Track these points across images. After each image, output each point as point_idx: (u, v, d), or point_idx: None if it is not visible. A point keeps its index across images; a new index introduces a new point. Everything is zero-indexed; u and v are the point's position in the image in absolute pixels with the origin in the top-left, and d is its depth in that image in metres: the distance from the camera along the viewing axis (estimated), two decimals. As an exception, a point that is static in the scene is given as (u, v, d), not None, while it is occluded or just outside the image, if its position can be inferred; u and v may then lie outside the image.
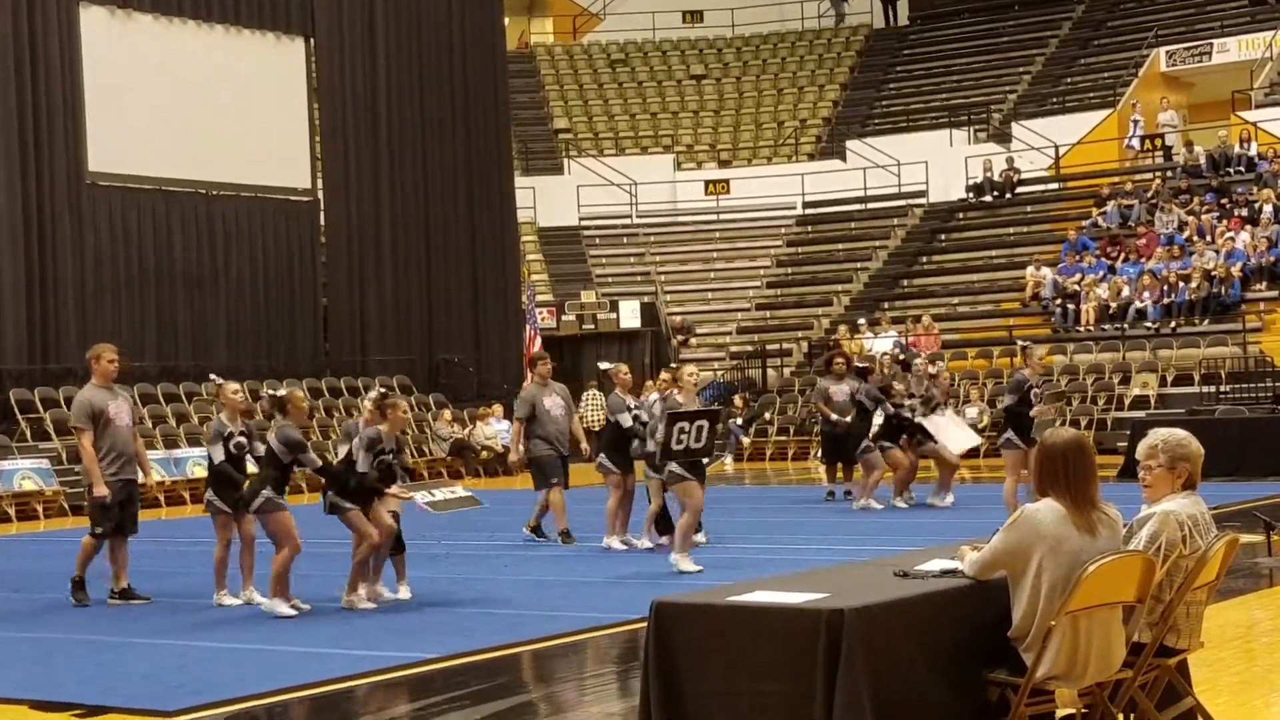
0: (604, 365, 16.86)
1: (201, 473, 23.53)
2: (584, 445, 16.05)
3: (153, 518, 21.48)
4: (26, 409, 24.14)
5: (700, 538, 13.86)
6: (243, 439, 11.93)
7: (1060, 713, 6.07)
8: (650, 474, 14.06)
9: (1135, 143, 35.22)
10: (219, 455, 11.84)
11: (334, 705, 8.40)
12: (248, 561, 11.96)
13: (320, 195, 29.61)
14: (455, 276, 31.18)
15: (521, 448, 15.31)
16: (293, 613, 11.20)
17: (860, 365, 19.18)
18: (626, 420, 14.74)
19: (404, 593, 11.88)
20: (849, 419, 18.43)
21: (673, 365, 16.11)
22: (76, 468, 23.44)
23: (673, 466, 12.47)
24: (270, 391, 14.04)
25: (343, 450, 12.07)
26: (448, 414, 28.42)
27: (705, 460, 12.88)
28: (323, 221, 29.64)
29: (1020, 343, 25.93)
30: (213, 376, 13.65)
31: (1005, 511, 15.12)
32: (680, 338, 33.18)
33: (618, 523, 14.70)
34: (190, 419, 25.15)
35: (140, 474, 12.59)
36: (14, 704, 8.52)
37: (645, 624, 5.77)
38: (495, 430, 27.98)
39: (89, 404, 12.13)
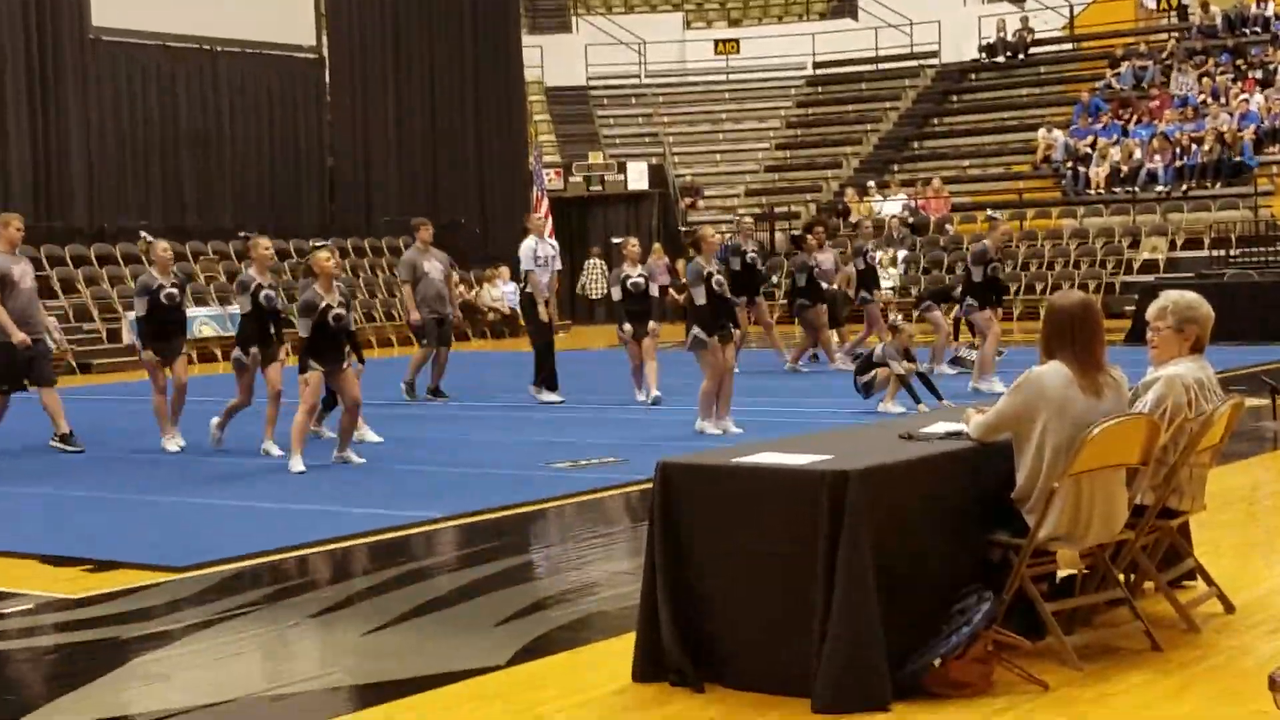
0: (616, 240, 17.13)
1: (210, 332, 23.72)
2: (456, 313, 17.12)
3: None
4: (34, 266, 24.06)
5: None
6: (271, 291, 12.26)
7: (1061, 573, 6.12)
8: (622, 333, 14.80)
9: (1151, 2, 34.73)
10: (246, 306, 12.25)
11: (339, 563, 8.48)
12: (271, 412, 12.27)
13: (325, 53, 29.33)
14: (461, 137, 30.97)
15: (414, 311, 15.80)
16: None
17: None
18: (616, 294, 15.13)
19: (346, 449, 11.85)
20: (836, 286, 18.81)
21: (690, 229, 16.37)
22: (85, 326, 23.55)
23: (695, 331, 12.49)
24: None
25: (242, 303, 12.34)
26: (455, 276, 28.33)
27: (731, 325, 12.87)
28: (328, 80, 29.39)
29: (989, 211, 25.88)
30: (144, 234, 14.06)
31: (981, 379, 15.19)
32: (688, 200, 33.00)
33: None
34: (197, 279, 25.13)
35: (48, 337, 13.39)
36: (24, 558, 8.61)
37: (651, 485, 5.79)
38: (502, 292, 27.96)
39: None
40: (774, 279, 28.51)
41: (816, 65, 36.72)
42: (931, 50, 35.55)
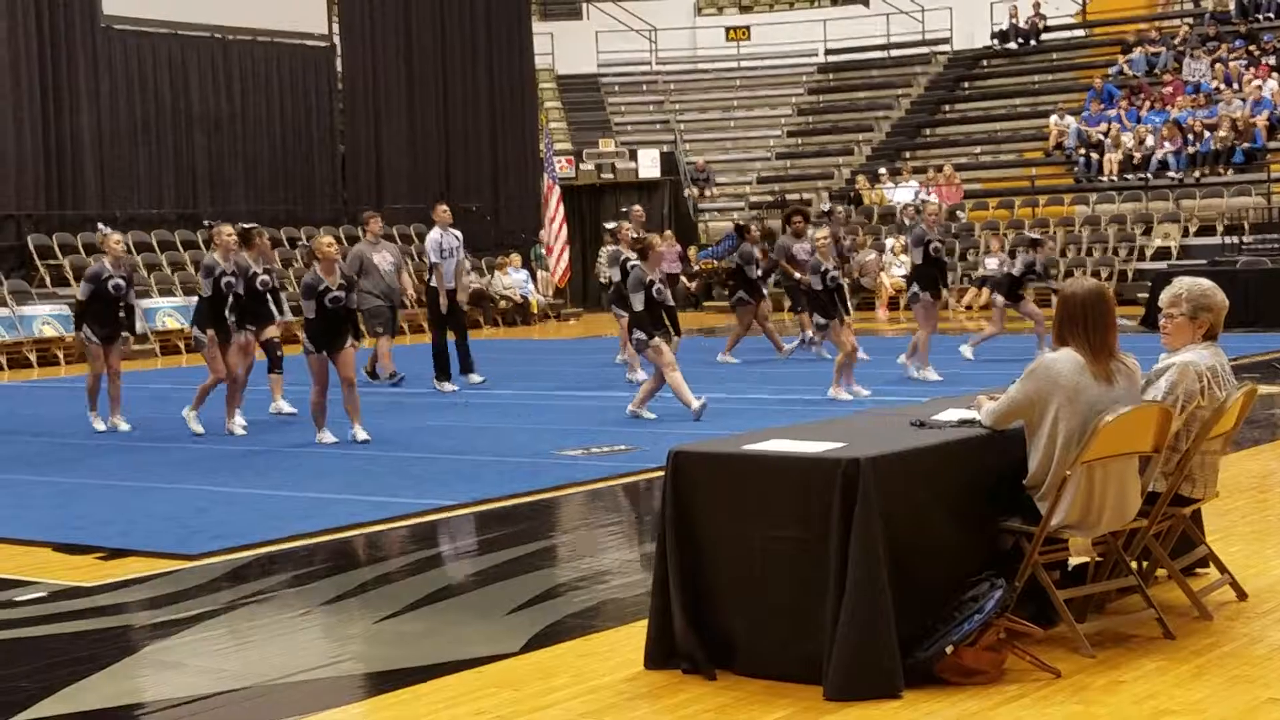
0: (609, 225, 17.19)
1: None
2: (410, 295, 17.66)
3: (174, 365, 21.60)
4: (45, 255, 24.17)
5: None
6: (232, 278, 12.79)
7: (1074, 561, 6.11)
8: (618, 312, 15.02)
9: (1163, -12, 34.64)
10: (208, 290, 12.86)
11: (352, 550, 8.49)
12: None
13: (337, 40, 29.33)
14: (473, 124, 30.95)
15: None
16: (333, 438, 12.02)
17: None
18: (615, 275, 15.48)
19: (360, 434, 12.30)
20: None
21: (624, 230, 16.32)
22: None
23: (638, 334, 12.93)
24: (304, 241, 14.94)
25: (205, 286, 12.94)
26: (466, 263, 28.33)
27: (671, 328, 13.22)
28: (339, 67, 29.40)
29: (924, 197, 25.99)
30: (101, 226, 14.77)
31: (912, 360, 15.24)
32: (698, 189, 32.89)
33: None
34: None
35: None
36: (37, 545, 8.63)
37: (662, 472, 5.79)
38: (514, 280, 27.95)
39: None
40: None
41: (828, 52, 36.65)
42: (943, 37, 35.47)
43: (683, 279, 25.87)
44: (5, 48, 23.93)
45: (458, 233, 16.66)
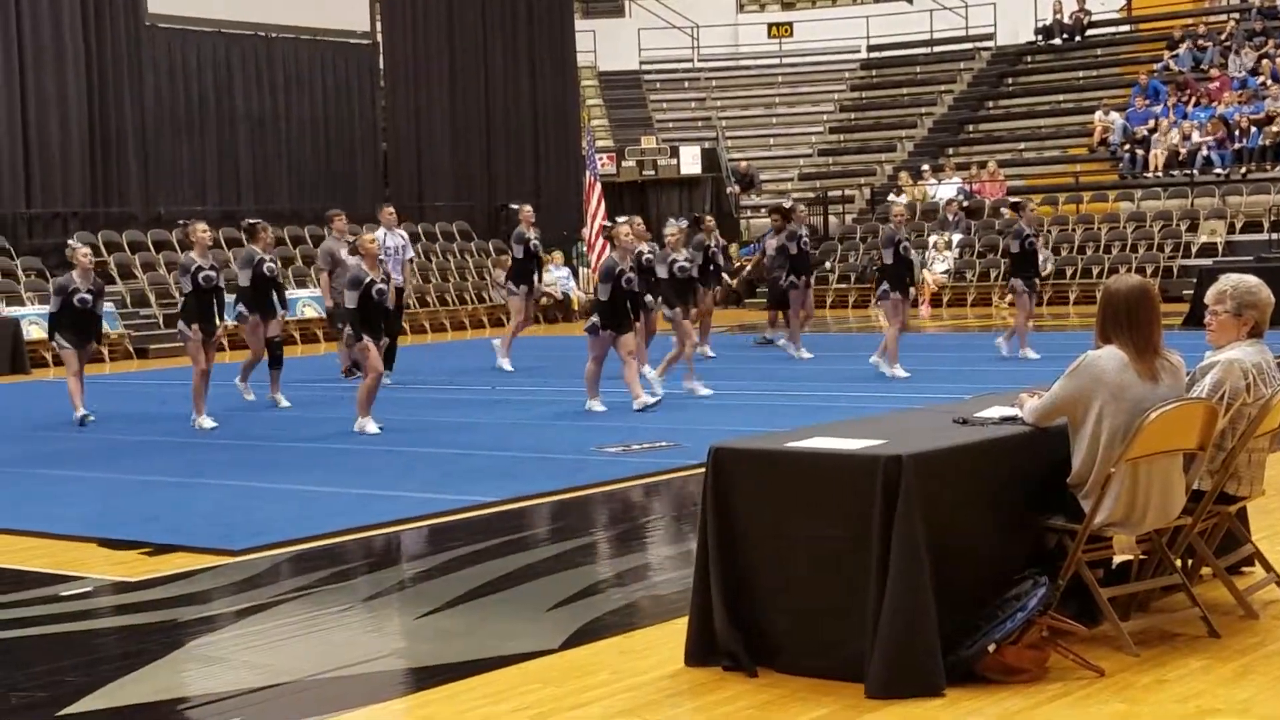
0: (605, 223, 17.57)
1: (312, 313, 23.98)
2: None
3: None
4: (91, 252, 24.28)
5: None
6: (212, 272, 13.60)
7: (1117, 559, 6.07)
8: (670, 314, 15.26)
9: (1209, -17, 34.38)
10: (188, 286, 13.60)
11: (392, 547, 8.52)
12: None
13: (379, 38, 29.41)
14: (515, 121, 30.98)
15: (328, 297, 16.88)
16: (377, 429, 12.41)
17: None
18: (662, 273, 15.66)
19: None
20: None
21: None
22: (142, 311, 23.74)
23: (594, 319, 13.32)
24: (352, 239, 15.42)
25: (184, 283, 13.72)
26: (507, 260, 28.36)
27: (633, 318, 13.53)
28: (382, 65, 29.49)
29: (890, 198, 26.02)
30: (71, 241, 15.15)
31: (883, 358, 15.25)
32: (738, 189, 32.80)
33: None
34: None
35: None
36: (83, 541, 8.69)
37: (703, 469, 5.78)
38: (554, 277, 27.96)
39: None
40: (827, 264, 28.50)
41: (870, 48, 36.53)
42: (987, 32, 35.30)
43: (724, 275, 25.85)
44: (51, 47, 24.10)
45: (403, 233, 17.81)
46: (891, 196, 27.32)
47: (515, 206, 21.05)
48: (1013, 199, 18.33)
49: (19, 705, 5.64)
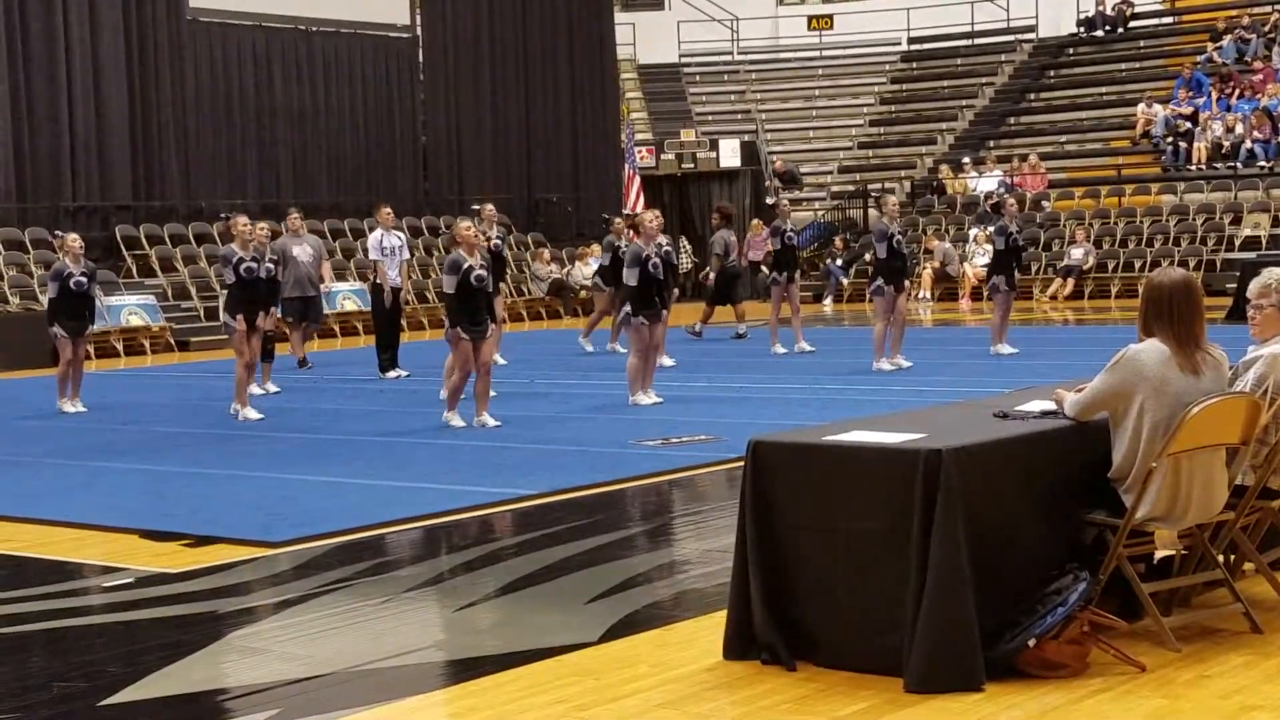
0: (627, 212, 17.75)
1: (352, 306, 24.09)
2: (327, 285, 19.14)
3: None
4: (132, 245, 24.48)
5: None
6: (253, 264, 13.67)
7: (1159, 554, 6.03)
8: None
9: (1254, -26, 34.08)
10: (230, 278, 13.77)
11: (434, 538, 8.54)
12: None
13: (419, 32, 29.48)
14: (554, 115, 31.01)
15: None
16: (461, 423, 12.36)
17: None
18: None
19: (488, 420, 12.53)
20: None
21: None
22: (183, 304, 23.88)
23: (626, 309, 13.13)
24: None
25: (226, 275, 13.83)
26: (546, 253, 28.44)
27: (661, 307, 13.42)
28: (421, 59, 29.55)
29: (874, 192, 25.81)
30: (59, 233, 15.89)
31: (872, 352, 15.14)
32: (779, 183, 32.71)
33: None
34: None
35: None
36: (125, 533, 8.74)
37: (742, 463, 5.78)
38: (594, 270, 27.97)
39: None
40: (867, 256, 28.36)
41: (911, 41, 36.39)
42: (1029, 25, 35.11)
43: (763, 267, 25.84)
44: (92, 41, 24.25)
45: (400, 233, 17.92)
46: (877, 192, 27.06)
47: (606, 216, 22.01)
48: (992, 199, 18.20)
49: (61, 695, 5.68)
